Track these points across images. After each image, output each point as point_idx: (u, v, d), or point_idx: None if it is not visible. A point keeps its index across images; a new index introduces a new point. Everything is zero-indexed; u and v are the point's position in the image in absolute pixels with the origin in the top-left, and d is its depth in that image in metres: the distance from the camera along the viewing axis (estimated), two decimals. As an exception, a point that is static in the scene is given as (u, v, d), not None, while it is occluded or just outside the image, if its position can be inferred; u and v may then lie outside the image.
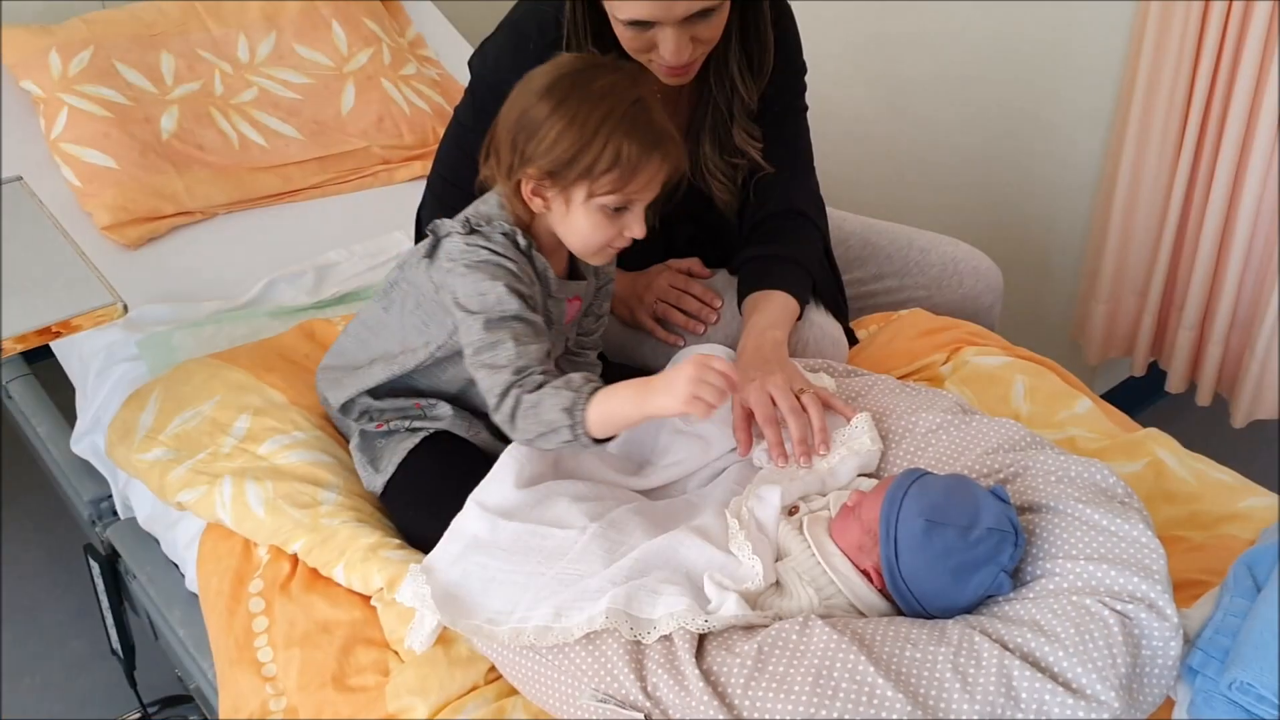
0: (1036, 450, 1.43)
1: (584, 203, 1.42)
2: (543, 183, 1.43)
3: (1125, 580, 1.24)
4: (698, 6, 1.49)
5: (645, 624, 1.26)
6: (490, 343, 1.42)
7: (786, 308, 1.66)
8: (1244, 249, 2.23)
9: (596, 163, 1.38)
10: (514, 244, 1.46)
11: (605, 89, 1.39)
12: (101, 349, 1.91)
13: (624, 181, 1.40)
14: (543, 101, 1.40)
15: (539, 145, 1.40)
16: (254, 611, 1.51)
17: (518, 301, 1.42)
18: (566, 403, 1.38)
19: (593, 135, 1.38)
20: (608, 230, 1.45)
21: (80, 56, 2.17)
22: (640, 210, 1.45)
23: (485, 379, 1.43)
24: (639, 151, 1.39)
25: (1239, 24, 2.09)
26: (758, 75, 1.68)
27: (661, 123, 1.42)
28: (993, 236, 2.46)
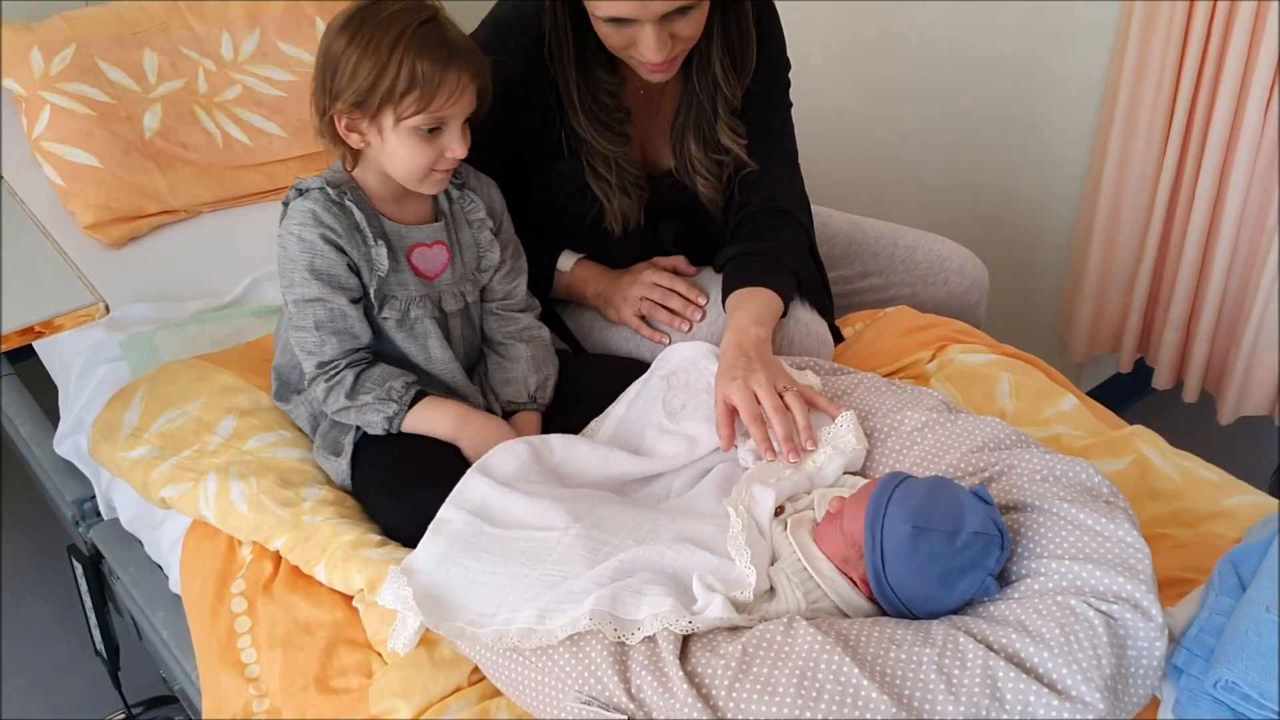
0: (1021, 449, 1.43)
1: (394, 129, 1.47)
2: (353, 117, 1.48)
3: (1110, 581, 1.24)
4: (676, 4, 1.49)
5: (629, 625, 1.25)
6: (296, 325, 1.54)
7: (770, 305, 1.65)
8: (1230, 246, 2.23)
9: (395, 85, 1.43)
10: (329, 198, 1.52)
11: (394, 14, 1.44)
12: (84, 349, 1.90)
13: (426, 100, 1.44)
14: (339, 36, 1.46)
15: (341, 79, 1.45)
16: (237, 612, 1.51)
17: (317, 284, 1.50)
18: (390, 412, 1.53)
19: (387, 59, 1.42)
20: (426, 153, 1.48)
21: (63, 55, 2.16)
22: (456, 128, 1.49)
23: (295, 345, 1.56)
24: (434, 68, 1.43)
25: (1224, 22, 2.09)
26: (741, 72, 1.67)
27: (455, 37, 1.47)
28: (979, 234, 2.46)
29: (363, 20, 1.45)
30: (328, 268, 1.51)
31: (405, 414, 1.53)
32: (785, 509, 1.40)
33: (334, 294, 1.52)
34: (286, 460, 1.62)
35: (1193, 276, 2.30)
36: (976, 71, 2.45)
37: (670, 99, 1.73)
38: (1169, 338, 2.37)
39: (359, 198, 1.54)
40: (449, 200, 1.61)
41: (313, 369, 1.54)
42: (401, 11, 1.45)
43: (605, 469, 1.52)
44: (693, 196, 1.77)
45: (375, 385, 1.53)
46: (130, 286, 1.99)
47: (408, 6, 1.45)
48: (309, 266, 1.51)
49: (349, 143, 1.51)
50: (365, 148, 1.51)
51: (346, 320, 1.53)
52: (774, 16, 1.75)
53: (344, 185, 1.54)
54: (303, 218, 1.51)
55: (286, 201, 1.56)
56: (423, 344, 1.60)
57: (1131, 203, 2.31)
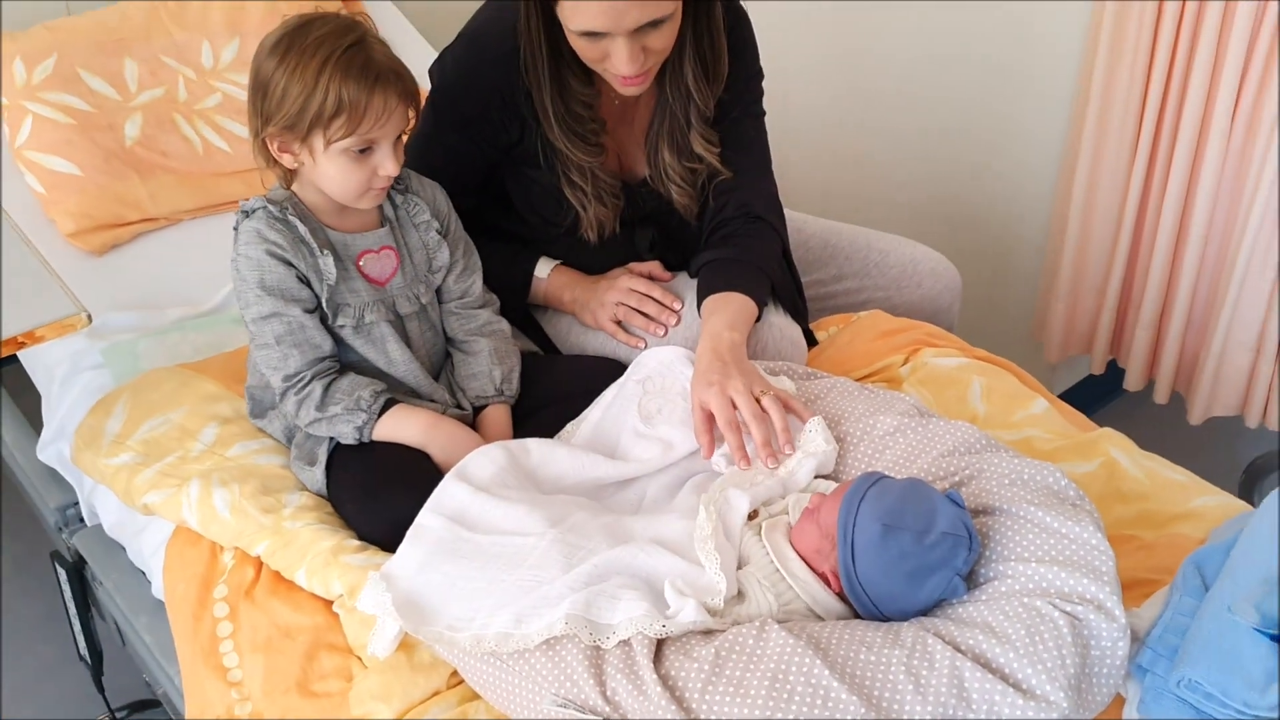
0: (991, 453, 1.46)
1: (325, 150, 1.49)
2: (284, 139, 1.50)
3: (1075, 582, 1.27)
4: (648, 17, 1.51)
5: (604, 629, 1.28)
6: (258, 344, 1.57)
7: (744, 309, 1.68)
8: (1199, 249, 2.27)
9: (323, 109, 1.45)
10: (271, 215, 1.54)
11: (321, 38, 1.46)
12: (66, 357, 1.91)
13: (355, 123, 1.46)
14: (269, 59, 1.48)
15: (270, 103, 1.48)
16: (219, 617, 1.52)
17: (271, 300, 1.53)
18: (359, 421, 1.55)
19: (314, 83, 1.44)
20: (359, 172, 1.51)
21: (44, 64, 2.16)
22: (387, 147, 1.51)
23: (261, 365, 1.58)
24: (360, 91, 1.45)
25: (1191, 28, 2.12)
26: (713, 82, 1.70)
27: (382, 59, 1.48)
28: (954, 238, 2.49)
29: (290, 44, 1.47)
30: (277, 282, 1.53)
31: (375, 422, 1.56)
32: (759, 513, 1.42)
33: (288, 306, 1.54)
34: (269, 467, 1.64)
35: (1163, 278, 2.33)
36: (950, 77, 2.48)
37: (645, 109, 1.75)
38: (1140, 338, 2.40)
39: (301, 211, 1.56)
40: (393, 206, 1.63)
41: (280, 383, 1.56)
42: (328, 35, 1.46)
43: (581, 472, 1.54)
44: (668, 204, 1.79)
45: (344, 396, 1.56)
46: (112, 294, 2.00)
47: (334, 29, 1.47)
48: (259, 283, 1.53)
49: (283, 163, 1.53)
50: (300, 167, 1.54)
51: (305, 331, 1.55)
52: (747, 26, 1.77)
53: (285, 201, 1.56)
54: (249, 238, 1.54)
55: (236, 226, 1.58)
56: (381, 348, 1.62)
57: (1103, 205, 2.34)
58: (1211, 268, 2.29)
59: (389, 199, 1.62)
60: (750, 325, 1.69)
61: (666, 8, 1.52)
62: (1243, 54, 2.08)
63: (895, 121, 2.60)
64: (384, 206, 1.62)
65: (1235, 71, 2.09)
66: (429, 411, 1.59)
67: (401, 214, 1.64)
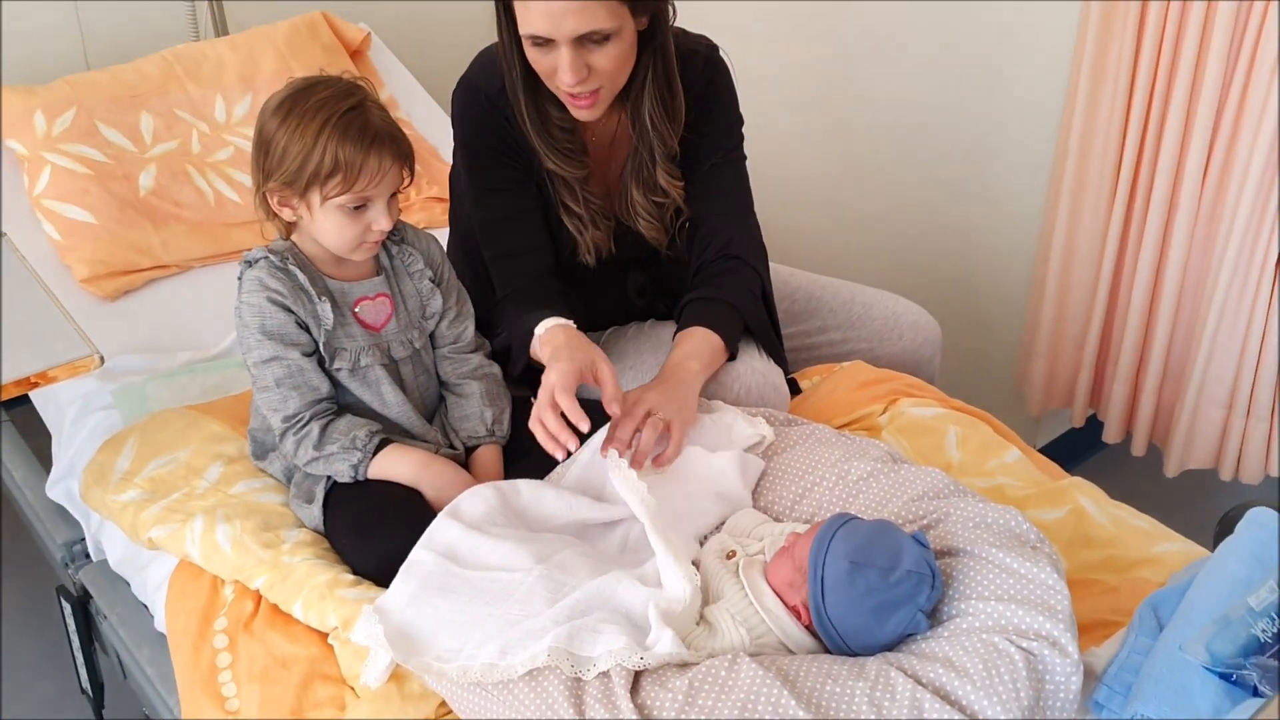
0: (958, 498, 1.52)
1: (322, 206, 1.57)
2: (284, 194, 1.58)
3: (1031, 620, 1.33)
4: (586, 26, 1.59)
5: (585, 661, 1.33)
6: (260, 387, 1.64)
7: (709, 342, 1.76)
8: (1172, 307, 2.33)
9: (320, 168, 1.54)
10: (273, 265, 1.62)
11: (322, 100, 1.55)
12: (77, 397, 1.97)
13: (350, 182, 1.55)
14: (272, 118, 1.57)
15: (273, 159, 1.57)
16: (218, 648, 1.57)
17: (271, 344, 1.60)
18: (354, 460, 1.62)
19: (313, 143, 1.53)
20: (353, 227, 1.59)
21: (64, 116, 2.26)
22: (381, 204, 1.59)
23: (262, 407, 1.65)
24: (355, 153, 1.54)
25: (1163, 96, 2.21)
26: (673, 119, 1.78)
27: (378, 122, 1.57)
28: (937, 293, 2.55)
29: (293, 105, 1.56)
30: (277, 327, 1.61)
31: (369, 461, 1.62)
32: (736, 553, 1.49)
33: (287, 350, 1.62)
34: (269, 504, 1.70)
35: (1139, 334, 2.39)
36: (934, 137, 2.56)
37: (622, 151, 1.84)
38: (1118, 392, 2.46)
39: (301, 260, 1.64)
40: (389, 255, 1.72)
41: (280, 424, 1.63)
42: (329, 98, 1.55)
43: (569, 513, 1.60)
44: (651, 247, 1.87)
45: (340, 435, 1.63)
46: (123, 338, 2.07)
47: (335, 93, 1.56)
48: (260, 328, 1.61)
49: (282, 216, 1.62)
50: (299, 220, 1.62)
51: (304, 374, 1.62)
52: (726, 76, 1.85)
53: (286, 251, 1.64)
54: (251, 285, 1.62)
55: (240, 275, 1.65)
56: (376, 391, 1.69)
57: (1081, 262, 2.41)
58: (1185, 325, 2.35)
59: (384, 249, 1.70)
60: (715, 358, 1.77)
61: (605, 21, 1.60)
62: (1210, 125, 2.16)
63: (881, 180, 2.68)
64: (380, 256, 1.70)
65: (1203, 141, 2.17)
66: (422, 451, 1.66)
67: (397, 263, 1.72)
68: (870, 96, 2.60)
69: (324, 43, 2.53)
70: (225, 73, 2.43)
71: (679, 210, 1.86)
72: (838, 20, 2.58)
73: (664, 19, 1.71)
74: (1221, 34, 2.09)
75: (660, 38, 1.72)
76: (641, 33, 1.69)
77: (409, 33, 2.80)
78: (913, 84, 2.53)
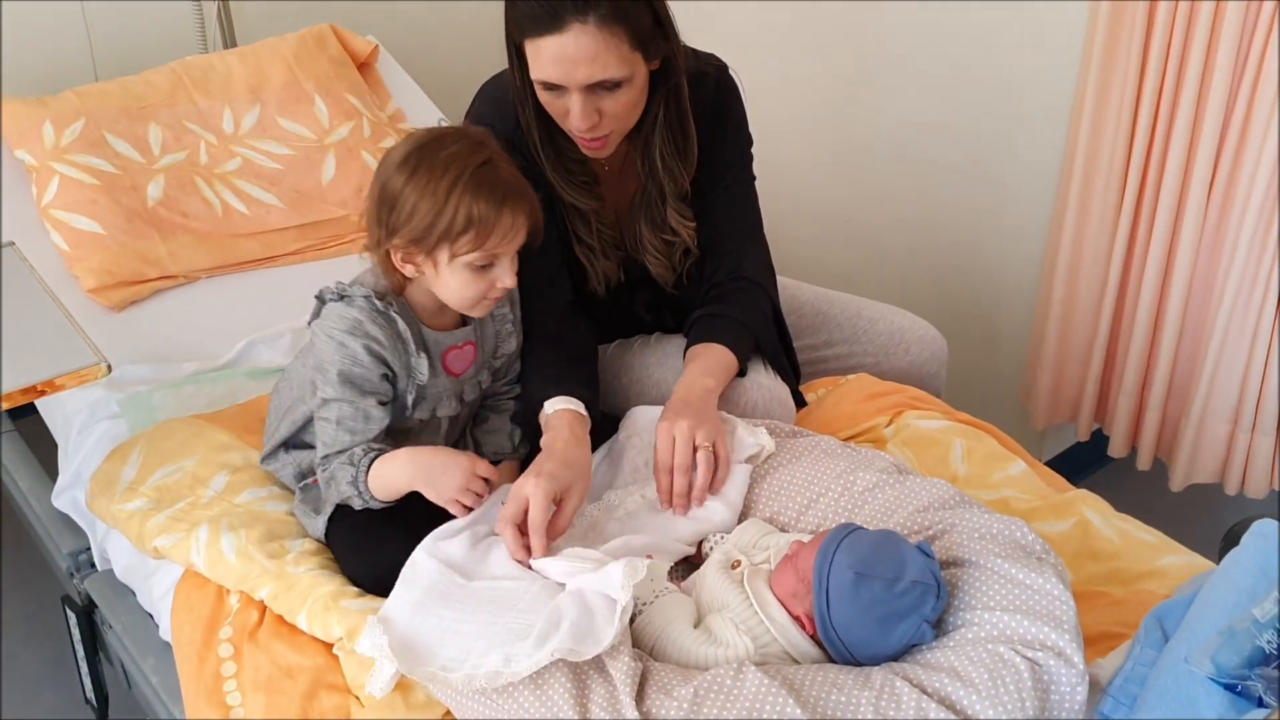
0: (963, 509, 1.52)
1: (449, 263, 1.52)
2: (409, 250, 1.53)
3: (1037, 630, 1.33)
4: (598, 76, 1.59)
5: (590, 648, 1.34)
6: (321, 418, 1.59)
7: (723, 359, 1.76)
8: (1177, 321, 2.33)
9: (452, 226, 1.49)
10: (374, 308, 1.57)
11: (452, 156, 1.50)
12: (84, 407, 1.98)
13: (481, 240, 1.50)
14: (398, 174, 1.51)
15: (399, 216, 1.51)
16: (223, 657, 1.58)
17: (347, 389, 1.55)
18: (350, 476, 1.56)
19: (445, 200, 1.48)
20: (479, 285, 1.54)
21: (73, 127, 2.27)
22: (508, 262, 1.55)
23: (318, 430, 1.60)
24: (489, 210, 1.49)
25: (1169, 111, 2.21)
26: (685, 161, 1.78)
27: (510, 178, 1.52)
28: (944, 307, 2.55)
29: (420, 160, 1.50)
30: (360, 376, 1.55)
31: (365, 473, 1.56)
32: (741, 563, 1.49)
33: (363, 398, 1.56)
34: (275, 514, 1.71)
35: (1144, 347, 2.39)
36: (940, 153, 2.56)
37: (630, 185, 1.84)
38: (1123, 406, 2.46)
39: (403, 308, 1.59)
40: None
41: (322, 451, 1.59)
42: (459, 154, 1.50)
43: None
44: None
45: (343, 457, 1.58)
46: (129, 348, 2.07)
47: (465, 147, 1.51)
48: (341, 373, 1.55)
49: (403, 273, 1.56)
50: (418, 276, 1.57)
51: (369, 421, 1.57)
52: (736, 97, 1.85)
53: (389, 296, 1.58)
54: (347, 325, 1.55)
55: (323, 298, 1.60)
56: (436, 429, 1.68)
57: (1086, 276, 2.41)
58: (1190, 339, 2.35)
59: None
60: (728, 374, 1.77)
61: (617, 70, 1.60)
62: (1215, 142, 2.17)
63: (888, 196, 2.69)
64: None
65: (1209, 154, 2.18)
66: (406, 447, 1.58)
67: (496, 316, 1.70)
68: (877, 112, 2.61)
69: (332, 55, 2.54)
70: (233, 84, 2.44)
71: (688, 251, 1.86)
72: (846, 37, 2.59)
73: (676, 61, 1.71)
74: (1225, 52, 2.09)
75: (673, 79, 1.72)
76: (654, 73, 1.69)
77: (417, 45, 2.82)
78: (919, 100, 2.54)
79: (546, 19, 1.57)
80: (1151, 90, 2.20)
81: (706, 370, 1.73)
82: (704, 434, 1.63)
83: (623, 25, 1.58)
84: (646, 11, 1.62)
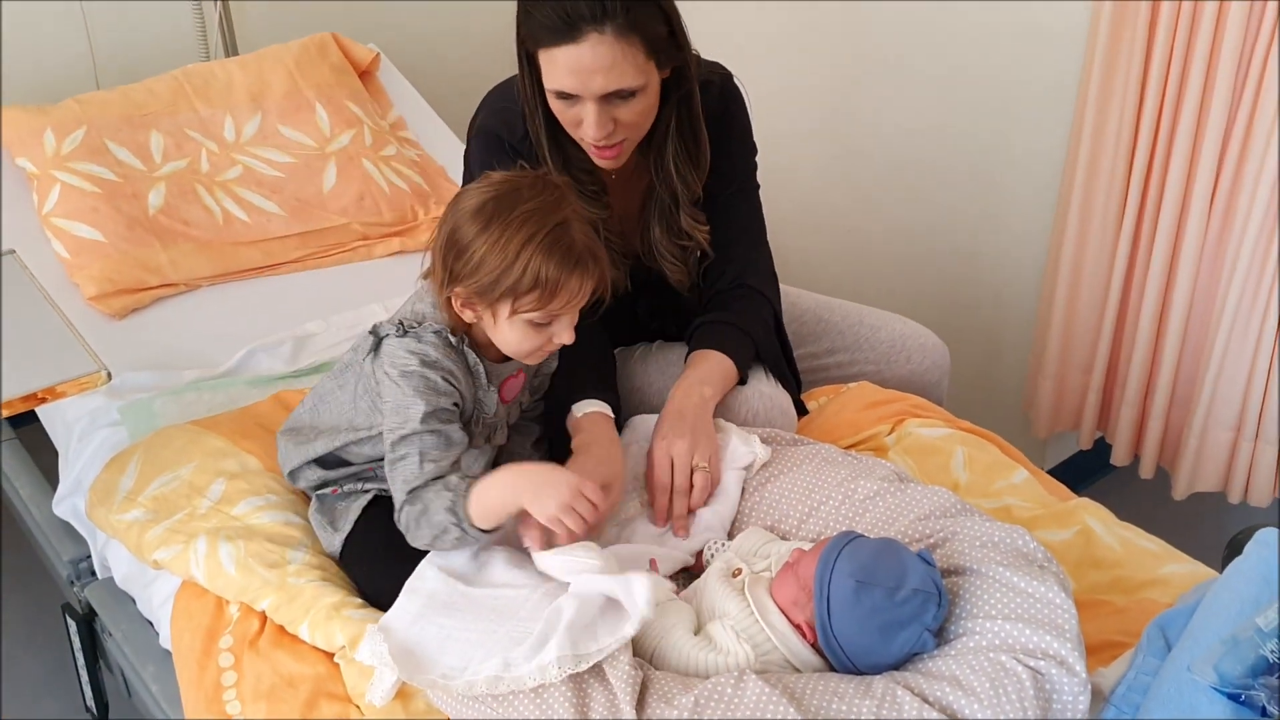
0: (965, 517, 1.52)
1: (509, 318, 1.49)
2: (471, 300, 1.50)
3: (1038, 639, 1.32)
4: (614, 85, 1.59)
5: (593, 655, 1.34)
6: (399, 456, 1.51)
7: (722, 366, 1.76)
8: (1180, 329, 2.33)
9: (519, 284, 1.45)
10: (446, 342, 1.54)
11: (528, 212, 1.46)
12: (84, 414, 1.98)
13: (545, 301, 1.47)
14: (471, 223, 1.47)
15: (466, 265, 1.47)
16: (223, 666, 1.57)
17: (433, 421, 1.50)
18: (447, 503, 1.47)
19: (514, 258, 1.44)
20: (536, 339, 1.52)
21: (74, 135, 2.27)
22: (568, 320, 1.52)
23: (392, 483, 1.54)
24: (558, 273, 1.45)
25: (1171, 118, 2.21)
26: (697, 168, 1.79)
27: (584, 242, 1.48)
28: (945, 315, 2.55)
29: (495, 211, 1.46)
30: (443, 407, 1.52)
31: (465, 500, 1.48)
32: (742, 571, 1.48)
33: (445, 425, 1.52)
34: (272, 525, 1.69)
35: (1146, 357, 2.39)
36: (942, 159, 2.56)
37: (638, 192, 1.84)
38: (1125, 414, 2.45)
39: (472, 344, 1.57)
40: None
41: (404, 496, 1.52)
42: (535, 211, 1.46)
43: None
44: (662, 279, 1.88)
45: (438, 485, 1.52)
46: (130, 356, 2.07)
47: (542, 205, 1.47)
48: (428, 403, 1.50)
49: (463, 318, 1.53)
50: (476, 322, 1.54)
51: (451, 446, 1.52)
52: (741, 106, 1.86)
53: (459, 331, 1.55)
54: (419, 359, 1.51)
55: (379, 333, 1.56)
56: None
57: (1088, 284, 2.41)
58: (1193, 347, 2.35)
59: None
60: (726, 382, 1.77)
61: (632, 79, 1.60)
62: (1218, 149, 2.17)
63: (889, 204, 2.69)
64: None
65: (1211, 163, 2.18)
66: (504, 466, 1.52)
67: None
68: (878, 118, 2.61)
69: (333, 63, 2.54)
70: (235, 92, 2.44)
71: (703, 254, 1.86)
72: (846, 43, 2.59)
73: (689, 69, 1.71)
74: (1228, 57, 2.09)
75: (685, 87, 1.72)
76: (665, 80, 1.69)
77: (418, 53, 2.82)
78: (920, 107, 2.54)
79: (563, 29, 1.56)
80: (1154, 94, 2.20)
81: (704, 378, 1.73)
82: (700, 454, 1.65)
83: (638, 34, 1.58)
84: (661, 20, 1.62)
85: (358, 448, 1.65)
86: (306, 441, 1.69)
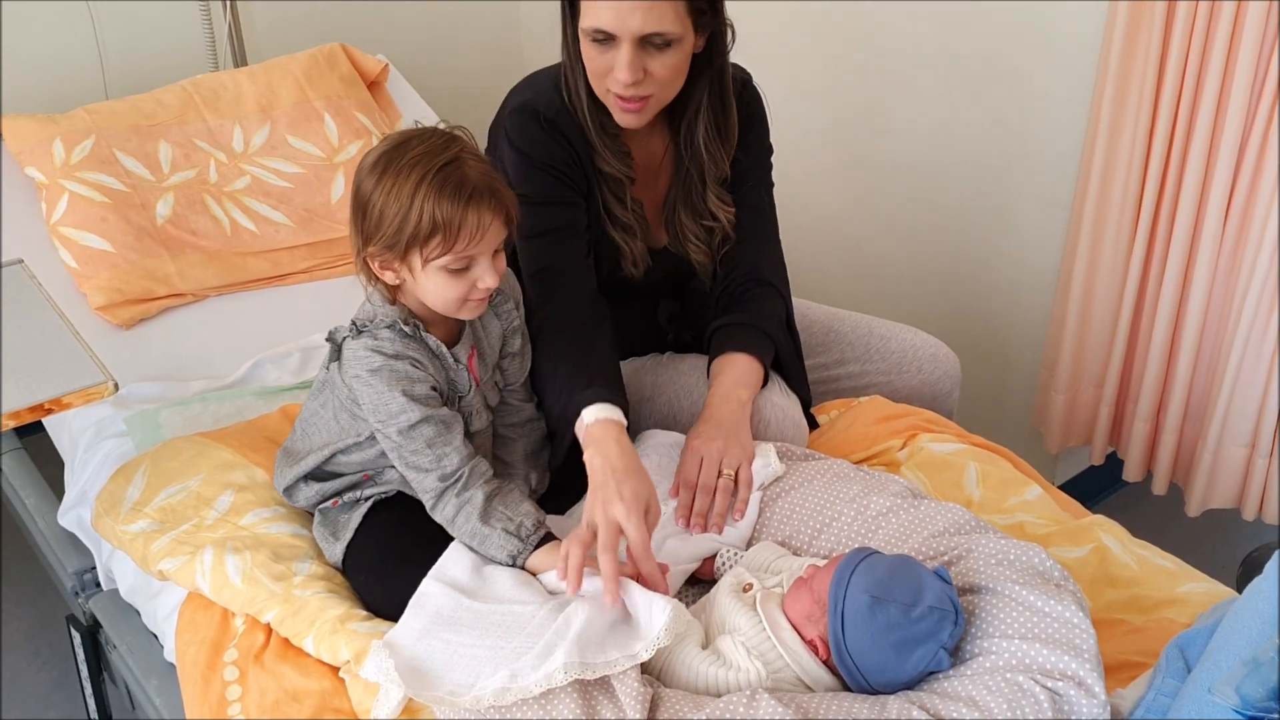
0: (980, 534, 1.50)
1: (424, 268, 1.48)
2: (385, 257, 1.49)
3: (1056, 659, 1.30)
4: (652, 26, 1.59)
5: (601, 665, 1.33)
6: (409, 450, 1.52)
7: (751, 369, 1.77)
8: (1194, 344, 2.31)
9: (419, 229, 1.44)
10: (402, 334, 1.53)
11: (418, 155, 1.45)
12: (91, 425, 1.97)
13: (450, 242, 1.45)
14: (368, 178, 1.48)
15: (370, 222, 1.48)
16: (228, 680, 1.56)
17: (419, 407, 1.50)
18: (513, 549, 1.51)
19: (409, 202, 1.44)
20: (459, 287, 1.50)
21: (82, 145, 2.27)
22: (486, 261, 1.50)
23: (414, 480, 1.54)
24: (453, 211, 1.44)
25: (1185, 132, 2.19)
26: (726, 143, 1.79)
27: (477, 176, 1.46)
28: (956, 328, 2.54)
29: (388, 163, 1.46)
30: (422, 393, 1.52)
31: (529, 554, 1.51)
32: (753, 586, 1.47)
33: (437, 409, 1.53)
34: (280, 536, 1.69)
35: (1159, 372, 2.37)
36: (952, 171, 2.55)
37: (664, 178, 1.84)
38: (1138, 430, 2.43)
39: (427, 328, 1.56)
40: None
41: (436, 484, 1.52)
42: (424, 154, 1.45)
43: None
44: (688, 272, 1.88)
45: (505, 517, 1.53)
46: (137, 366, 2.07)
47: (430, 148, 1.46)
48: (406, 393, 1.51)
49: (384, 280, 1.53)
50: (401, 283, 1.53)
51: (455, 427, 1.53)
52: (760, 105, 1.87)
53: (410, 320, 1.55)
54: (383, 354, 1.51)
55: (335, 339, 1.56)
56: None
57: (1101, 298, 2.39)
58: (1207, 362, 2.33)
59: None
60: (757, 384, 1.78)
61: (670, 24, 1.60)
62: (1232, 164, 2.15)
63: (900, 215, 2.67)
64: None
65: (1226, 175, 2.16)
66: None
67: (501, 312, 1.67)
68: (889, 130, 2.60)
69: (342, 74, 2.54)
70: (244, 103, 2.44)
71: (726, 238, 1.86)
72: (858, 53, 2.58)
73: (722, 42, 1.72)
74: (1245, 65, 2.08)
75: (718, 61, 1.73)
76: (698, 55, 1.70)
77: (427, 64, 2.82)
78: (932, 118, 2.53)
79: None
80: (1168, 105, 2.18)
81: (738, 381, 1.75)
82: (731, 459, 1.65)
83: None
84: None
85: (345, 456, 1.65)
86: (297, 460, 1.70)
